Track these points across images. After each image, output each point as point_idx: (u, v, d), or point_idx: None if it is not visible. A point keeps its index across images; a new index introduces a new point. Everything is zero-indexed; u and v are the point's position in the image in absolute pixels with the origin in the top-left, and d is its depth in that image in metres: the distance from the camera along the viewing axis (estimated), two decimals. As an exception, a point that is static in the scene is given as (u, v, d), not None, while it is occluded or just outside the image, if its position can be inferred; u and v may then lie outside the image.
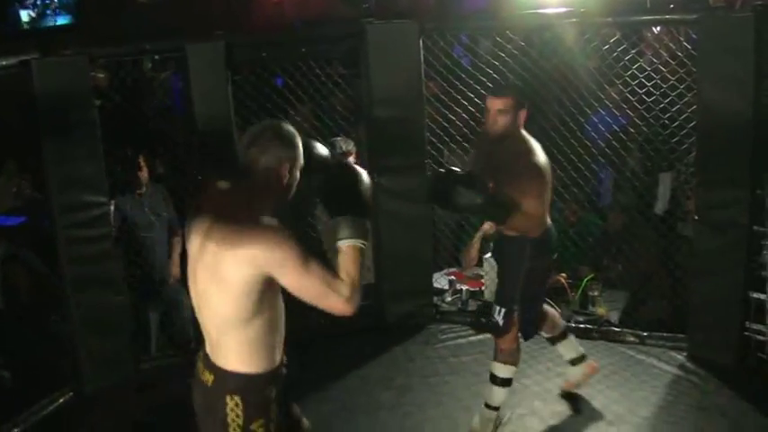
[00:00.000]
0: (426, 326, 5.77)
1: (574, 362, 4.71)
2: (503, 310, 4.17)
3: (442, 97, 5.84)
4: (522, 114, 4.06)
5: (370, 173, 5.52)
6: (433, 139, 5.75)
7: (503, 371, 4.31)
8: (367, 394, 4.98)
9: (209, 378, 2.80)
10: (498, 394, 4.36)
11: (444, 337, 5.64)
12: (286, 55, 5.94)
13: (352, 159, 5.91)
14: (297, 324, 5.58)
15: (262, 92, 5.90)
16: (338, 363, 5.33)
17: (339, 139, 5.92)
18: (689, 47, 5.12)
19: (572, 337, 4.70)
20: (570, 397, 4.77)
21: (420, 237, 5.68)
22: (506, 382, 4.34)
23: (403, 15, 5.50)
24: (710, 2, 4.77)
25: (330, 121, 6.09)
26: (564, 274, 5.75)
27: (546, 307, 4.57)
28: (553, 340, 4.68)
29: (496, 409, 4.40)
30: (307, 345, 5.43)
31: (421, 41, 5.38)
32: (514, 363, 4.31)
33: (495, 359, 4.32)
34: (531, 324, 4.39)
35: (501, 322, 4.17)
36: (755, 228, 4.77)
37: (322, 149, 3.26)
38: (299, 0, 7.06)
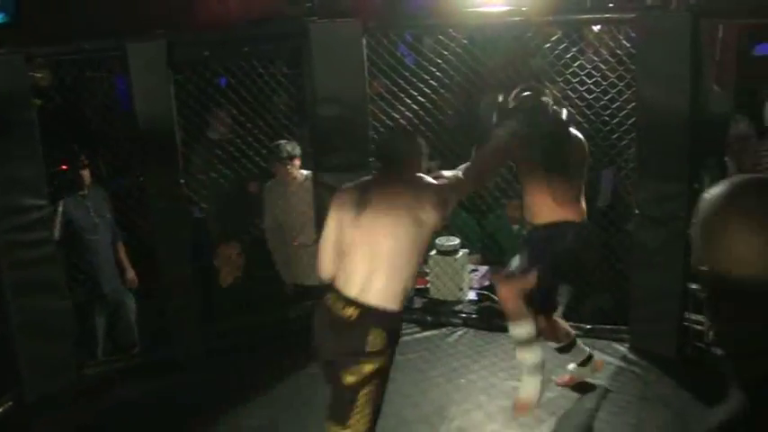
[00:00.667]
0: (373, 324, 5.76)
1: (583, 363, 4.75)
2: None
3: (386, 96, 5.86)
4: None
5: (314, 171, 5.57)
6: (376, 137, 5.74)
7: (516, 330, 4.29)
8: (315, 394, 4.96)
9: (353, 313, 3.36)
10: (525, 354, 4.34)
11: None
12: (229, 54, 5.91)
13: (296, 163, 5.90)
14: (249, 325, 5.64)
15: (204, 91, 5.86)
16: (286, 363, 5.28)
17: (284, 142, 5.91)
18: (628, 45, 5.20)
19: (579, 341, 4.75)
20: (514, 390, 4.82)
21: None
22: (526, 342, 4.31)
23: (346, 14, 5.49)
24: (648, 1, 4.84)
25: (274, 120, 6.06)
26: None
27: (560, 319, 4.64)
28: (566, 348, 4.68)
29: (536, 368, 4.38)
30: (264, 343, 5.45)
31: (364, 40, 5.39)
32: (520, 317, 4.25)
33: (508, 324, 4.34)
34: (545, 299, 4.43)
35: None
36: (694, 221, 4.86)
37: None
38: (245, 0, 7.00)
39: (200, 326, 5.51)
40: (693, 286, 4.92)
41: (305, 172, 5.95)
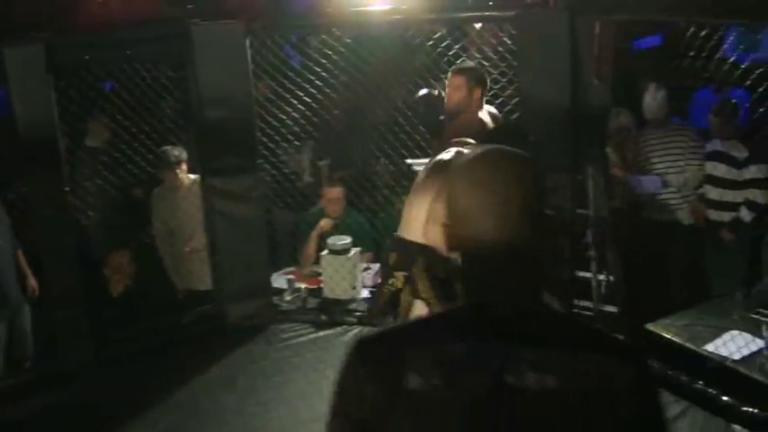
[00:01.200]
0: (267, 326, 5.74)
1: None
2: None
3: (271, 97, 5.84)
4: (477, 93, 4.38)
5: (202, 175, 5.50)
6: (265, 140, 5.73)
7: None
8: (212, 399, 4.92)
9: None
10: None
11: (286, 336, 5.63)
12: (111, 57, 5.78)
13: (184, 167, 5.82)
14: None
15: (87, 96, 5.72)
16: (181, 369, 5.22)
17: (170, 148, 5.81)
18: (509, 42, 5.30)
19: None
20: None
21: (255, 237, 5.65)
22: None
23: (229, 16, 5.44)
24: (527, -1, 4.97)
25: (160, 125, 5.97)
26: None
27: None
28: None
29: None
30: (158, 350, 5.36)
31: (248, 41, 5.35)
32: None
33: None
34: None
35: None
36: (579, 211, 5.01)
37: None
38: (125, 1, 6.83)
39: (91, 336, 5.38)
40: (581, 274, 5.07)
41: (192, 176, 5.87)
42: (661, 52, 6.68)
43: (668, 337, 4.84)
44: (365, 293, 6.03)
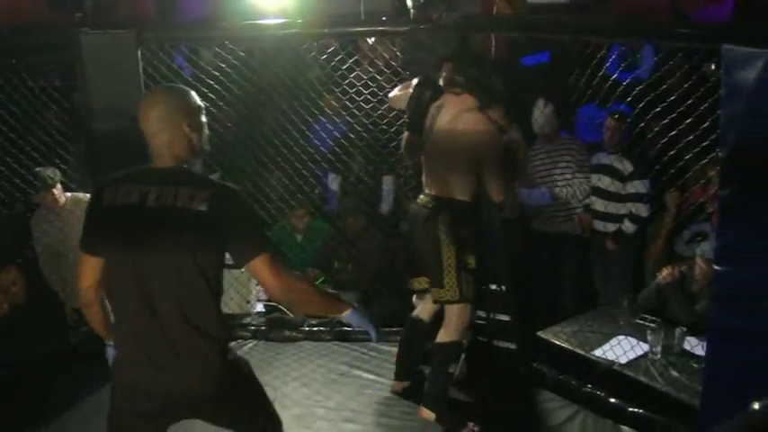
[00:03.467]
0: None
1: None
2: None
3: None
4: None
5: (92, 189, 5.34)
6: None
7: None
8: (102, 419, 4.76)
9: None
10: None
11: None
12: (-4, 66, 5.58)
13: (59, 187, 5.61)
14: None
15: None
16: (69, 389, 5.07)
17: (41, 169, 5.56)
18: (400, 56, 5.38)
19: None
20: (306, 398, 4.89)
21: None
22: None
23: (120, 25, 5.33)
24: (411, 16, 5.05)
25: (48, 137, 5.79)
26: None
27: None
28: None
29: None
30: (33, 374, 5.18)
31: (139, 52, 5.27)
32: None
33: None
34: None
35: None
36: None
37: None
38: (9, 5, 6.57)
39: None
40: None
41: (69, 194, 5.68)
42: (549, 69, 6.86)
43: (558, 343, 5.00)
44: (259, 307, 6.00)
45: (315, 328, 5.70)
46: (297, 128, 5.95)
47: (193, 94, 2.98)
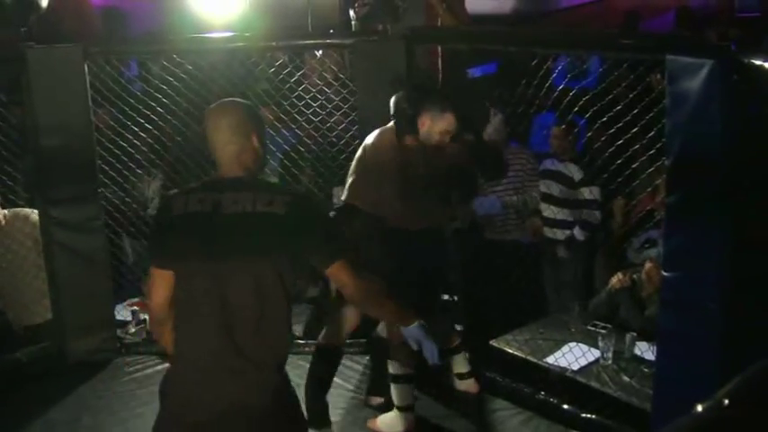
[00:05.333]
0: (111, 360, 5.56)
1: None
2: None
3: (112, 123, 5.69)
4: None
5: (41, 205, 5.27)
6: (106, 167, 5.56)
7: None
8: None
9: None
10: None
11: (131, 369, 5.47)
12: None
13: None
14: None
15: None
16: (19, 410, 4.96)
17: None
18: (350, 69, 5.40)
19: None
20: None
21: (97, 268, 5.45)
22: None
23: (67, 39, 5.27)
24: (353, 28, 5.09)
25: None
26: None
27: None
28: None
29: None
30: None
31: (86, 66, 5.22)
32: None
33: None
34: None
35: None
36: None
37: None
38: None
39: None
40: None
41: (4, 211, 5.57)
42: (497, 80, 6.92)
43: (511, 351, 5.03)
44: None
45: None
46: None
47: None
